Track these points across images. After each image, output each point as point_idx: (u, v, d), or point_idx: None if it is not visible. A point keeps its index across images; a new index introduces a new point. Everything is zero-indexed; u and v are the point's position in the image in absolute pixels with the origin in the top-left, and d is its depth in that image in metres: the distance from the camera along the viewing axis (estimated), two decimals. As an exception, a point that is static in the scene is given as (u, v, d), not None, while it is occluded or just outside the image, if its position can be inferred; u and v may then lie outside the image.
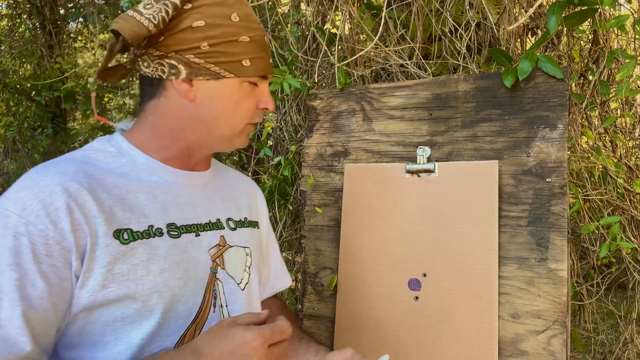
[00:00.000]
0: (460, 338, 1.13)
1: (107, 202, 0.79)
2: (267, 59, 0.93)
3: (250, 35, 0.88)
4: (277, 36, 1.83)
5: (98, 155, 0.86)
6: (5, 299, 0.70)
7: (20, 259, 0.71)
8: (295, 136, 1.74)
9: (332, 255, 1.35)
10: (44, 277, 0.72)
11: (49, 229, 0.72)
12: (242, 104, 0.90)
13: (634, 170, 1.60)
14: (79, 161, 0.83)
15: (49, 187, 0.74)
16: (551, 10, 1.16)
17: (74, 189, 0.76)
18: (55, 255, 0.72)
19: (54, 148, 4.45)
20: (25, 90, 4.12)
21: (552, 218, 1.10)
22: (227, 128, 0.91)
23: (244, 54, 0.88)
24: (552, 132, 1.13)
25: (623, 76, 1.25)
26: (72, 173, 0.78)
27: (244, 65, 0.88)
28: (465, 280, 1.14)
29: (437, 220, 1.19)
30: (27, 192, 0.74)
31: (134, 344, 0.77)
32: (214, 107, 0.88)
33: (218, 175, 1.02)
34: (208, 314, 0.86)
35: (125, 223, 0.79)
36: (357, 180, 1.31)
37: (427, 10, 1.56)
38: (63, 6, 4.54)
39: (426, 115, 1.27)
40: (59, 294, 0.73)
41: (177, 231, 0.85)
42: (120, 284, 0.76)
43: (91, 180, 0.79)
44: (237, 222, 1.00)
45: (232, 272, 0.93)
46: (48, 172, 0.77)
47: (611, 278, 1.75)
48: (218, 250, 0.91)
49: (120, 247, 0.77)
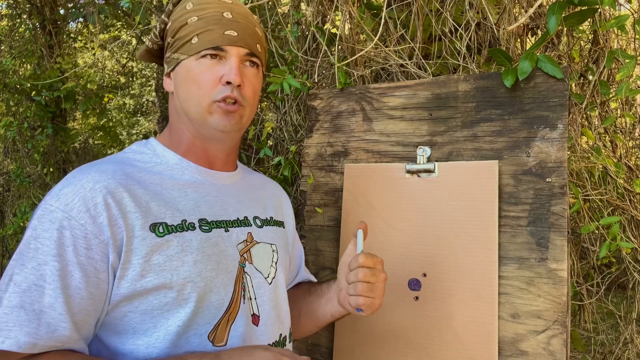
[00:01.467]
0: (460, 338, 1.13)
1: (144, 198, 0.85)
2: (219, 30, 0.91)
3: (199, 14, 0.92)
4: (277, 36, 1.83)
5: (136, 156, 0.94)
6: (49, 287, 0.75)
7: (62, 251, 0.77)
8: (295, 136, 1.74)
9: (332, 255, 1.35)
10: (82, 268, 0.77)
11: (88, 223, 0.78)
12: (200, 79, 0.91)
13: (634, 170, 1.60)
14: (118, 161, 0.90)
15: (89, 184, 0.81)
16: (551, 10, 1.16)
17: (113, 187, 0.82)
18: (93, 249, 0.78)
19: (54, 148, 4.45)
20: (25, 90, 4.12)
21: (552, 218, 1.10)
22: (195, 108, 0.93)
23: (192, 32, 0.92)
24: (552, 132, 1.13)
25: (623, 76, 1.25)
26: (111, 172, 0.84)
27: (192, 43, 0.92)
28: (465, 280, 1.14)
29: (437, 220, 1.19)
30: (70, 189, 0.80)
31: (172, 331, 0.82)
32: (180, 91, 0.94)
33: (244, 177, 1.08)
34: (239, 306, 0.90)
35: (161, 217, 0.85)
36: (357, 180, 1.31)
37: (427, 10, 1.56)
38: (63, 6, 4.54)
39: (426, 115, 1.27)
40: (95, 284, 0.79)
41: (208, 226, 0.90)
42: (157, 274, 0.81)
43: (129, 178, 0.86)
44: (264, 220, 1.04)
45: (260, 267, 0.97)
46: (90, 171, 0.84)
47: (611, 278, 1.75)
48: (246, 245, 0.96)
49: (156, 240, 0.82)
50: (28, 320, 0.73)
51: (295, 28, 1.69)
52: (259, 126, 1.83)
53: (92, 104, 4.54)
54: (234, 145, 1.02)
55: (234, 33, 0.92)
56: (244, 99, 0.93)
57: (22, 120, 4.21)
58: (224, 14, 0.92)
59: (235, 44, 0.92)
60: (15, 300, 0.74)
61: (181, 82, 0.94)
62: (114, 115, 6.40)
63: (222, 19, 0.92)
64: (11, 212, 4.34)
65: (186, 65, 0.93)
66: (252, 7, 1.64)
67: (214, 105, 0.91)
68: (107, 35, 5.85)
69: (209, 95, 0.91)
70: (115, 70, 6.54)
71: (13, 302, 0.74)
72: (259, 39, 0.98)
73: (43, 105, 4.17)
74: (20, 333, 0.72)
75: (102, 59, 6.22)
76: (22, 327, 0.72)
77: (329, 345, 1.29)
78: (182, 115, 0.95)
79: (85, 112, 5.27)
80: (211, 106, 0.91)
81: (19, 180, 4.06)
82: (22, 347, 0.72)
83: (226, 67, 0.91)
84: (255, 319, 0.93)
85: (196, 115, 0.92)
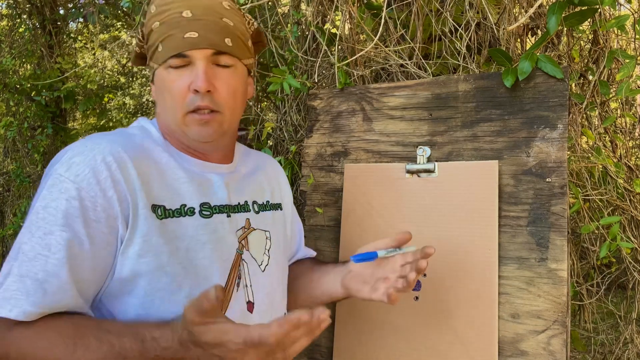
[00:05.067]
0: (460, 338, 1.13)
1: (148, 176, 0.83)
2: (179, 34, 0.84)
3: (160, 19, 0.87)
4: (277, 36, 1.83)
5: (144, 134, 0.91)
6: (54, 256, 0.75)
7: (71, 221, 0.76)
8: (295, 136, 1.74)
9: (332, 255, 1.34)
10: (91, 239, 0.77)
11: (99, 196, 0.78)
12: (171, 90, 0.86)
13: (634, 170, 1.60)
14: (130, 134, 0.89)
15: (100, 156, 0.79)
16: (551, 10, 1.16)
17: (124, 161, 0.81)
18: (102, 222, 0.78)
19: (54, 148, 4.45)
20: (25, 90, 4.12)
21: (552, 218, 1.10)
22: (172, 120, 0.89)
23: (157, 39, 0.87)
24: (552, 132, 1.13)
25: (623, 76, 1.25)
26: (123, 145, 0.83)
27: (159, 51, 0.87)
28: (465, 280, 1.14)
29: (437, 220, 1.19)
30: (81, 158, 0.79)
31: (167, 318, 0.80)
32: (159, 101, 0.91)
33: (242, 159, 1.05)
34: (232, 294, 0.89)
35: (160, 199, 0.83)
36: (357, 180, 1.31)
37: (427, 10, 1.56)
38: (63, 6, 4.54)
39: (426, 115, 1.27)
40: (102, 256, 0.79)
41: (209, 211, 0.89)
42: (154, 256, 0.80)
43: (139, 151, 0.84)
44: (260, 205, 1.03)
45: (255, 254, 0.96)
46: (102, 141, 0.82)
47: (611, 278, 1.75)
48: (244, 232, 0.95)
49: (156, 222, 0.82)
50: (34, 289, 0.74)
51: (295, 28, 1.69)
52: (259, 126, 1.83)
53: (92, 104, 4.54)
54: (226, 144, 0.98)
55: (194, 34, 0.84)
56: (218, 104, 0.87)
57: (22, 120, 4.21)
58: (182, 13, 0.85)
59: (197, 47, 0.84)
60: (24, 269, 0.75)
61: (157, 92, 0.91)
62: (114, 115, 6.40)
63: (181, 21, 0.85)
64: (11, 212, 4.33)
65: (159, 75, 0.88)
66: (252, 7, 1.64)
67: (188, 116, 0.86)
68: (107, 35, 5.85)
69: (182, 107, 0.86)
70: (115, 70, 6.54)
71: (22, 270, 0.75)
72: (228, 31, 0.88)
73: (43, 105, 4.17)
74: (26, 302, 0.73)
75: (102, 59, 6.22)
76: (29, 296, 0.73)
77: (329, 345, 1.29)
78: (163, 125, 0.92)
79: (85, 112, 5.27)
80: (185, 118, 0.86)
81: (19, 180, 4.06)
82: (28, 316, 0.73)
83: (192, 73, 0.85)
84: (250, 307, 0.92)
85: (175, 127, 0.89)
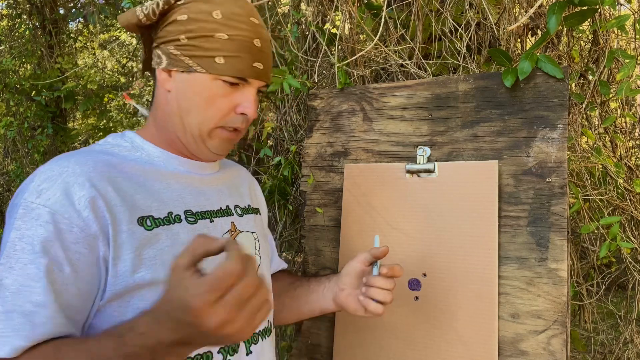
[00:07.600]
0: (460, 338, 1.13)
1: (128, 191, 0.82)
2: (249, 61, 0.88)
3: (230, 33, 0.87)
4: (277, 36, 1.83)
5: (114, 148, 0.90)
6: (38, 285, 0.73)
7: (49, 246, 0.74)
8: (295, 136, 1.74)
9: (332, 255, 1.34)
10: (70, 263, 0.75)
11: (74, 217, 0.75)
12: (214, 102, 0.88)
13: (634, 170, 1.60)
14: (97, 152, 0.87)
15: (71, 178, 0.77)
16: (551, 10, 1.16)
17: (96, 179, 0.79)
18: (80, 242, 0.76)
19: (54, 148, 4.45)
20: (25, 90, 4.12)
21: (552, 218, 1.10)
22: (196, 125, 0.89)
23: (218, 50, 0.87)
24: (552, 132, 1.13)
25: (623, 76, 1.25)
26: (93, 163, 0.81)
27: (217, 63, 0.87)
28: (465, 280, 1.14)
29: (437, 220, 1.19)
30: (49, 184, 0.77)
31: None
32: (184, 100, 0.90)
33: (222, 166, 1.07)
34: None
35: (147, 210, 0.83)
36: (357, 180, 1.31)
37: (427, 10, 1.56)
38: (63, 6, 4.54)
39: (426, 115, 1.27)
40: (85, 279, 0.76)
41: (193, 217, 0.90)
42: (150, 268, 0.79)
43: (111, 169, 0.83)
44: (243, 209, 1.04)
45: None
46: (69, 162, 0.80)
47: (611, 278, 1.75)
48: (230, 235, 0.96)
49: (145, 233, 0.81)
50: (22, 324, 0.71)
51: (295, 28, 1.69)
52: (259, 126, 1.83)
53: (92, 104, 4.54)
54: None
55: (261, 66, 0.90)
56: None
57: (22, 120, 4.21)
58: (254, 41, 0.89)
59: (259, 78, 0.90)
60: (8, 305, 0.72)
61: (190, 94, 0.89)
62: (114, 115, 6.40)
63: (253, 48, 0.88)
64: (11, 212, 4.33)
65: (201, 81, 0.88)
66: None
67: (218, 130, 0.90)
68: (107, 35, 5.85)
69: (219, 121, 0.89)
70: (115, 70, 6.54)
71: (7, 307, 0.72)
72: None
73: (43, 105, 4.17)
74: (16, 338, 0.71)
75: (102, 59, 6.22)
76: (18, 332, 0.71)
77: (329, 345, 1.29)
78: (176, 121, 0.91)
79: (86, 112, 5.28)
80: (214, 130, 0.90)
81: (19, 181, 4.06)
82: (18, 350, 0.71)
83: (243, 96, 0.90)
84: None
85: (196, 132, 0.90)
